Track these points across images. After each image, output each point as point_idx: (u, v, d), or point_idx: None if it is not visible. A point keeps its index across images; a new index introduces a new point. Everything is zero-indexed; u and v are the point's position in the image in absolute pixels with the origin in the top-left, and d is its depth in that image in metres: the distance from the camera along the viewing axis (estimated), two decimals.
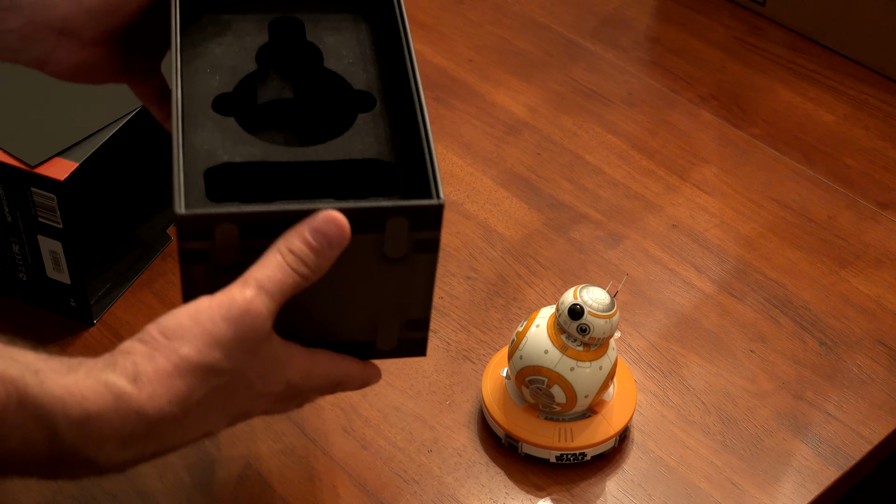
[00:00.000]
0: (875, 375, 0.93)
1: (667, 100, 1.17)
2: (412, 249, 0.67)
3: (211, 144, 0.70)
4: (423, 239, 0.66)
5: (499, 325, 0.95)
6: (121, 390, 0.61)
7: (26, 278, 0.95)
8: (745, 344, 0.95)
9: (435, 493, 0.84)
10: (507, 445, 0.86)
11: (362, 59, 0.76)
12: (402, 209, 0.65)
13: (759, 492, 0.85)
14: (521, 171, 1.09)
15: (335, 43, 0.76)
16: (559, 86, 1.18)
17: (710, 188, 1.08)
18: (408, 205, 0.65)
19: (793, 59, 1.22)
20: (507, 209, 1.05)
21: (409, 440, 0.87)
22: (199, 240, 0.65)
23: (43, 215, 0.89)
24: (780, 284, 0.99)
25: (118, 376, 0.61)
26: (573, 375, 0.82)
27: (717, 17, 1.27)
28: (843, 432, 0.89)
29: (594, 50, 1.23)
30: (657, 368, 0.93)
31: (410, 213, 0.65)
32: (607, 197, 1.07)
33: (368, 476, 0.85)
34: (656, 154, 1.11)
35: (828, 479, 0.86)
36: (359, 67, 0.75)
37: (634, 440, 0.88)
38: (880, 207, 1.06)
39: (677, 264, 1.01)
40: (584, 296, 0.82)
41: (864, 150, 1.12)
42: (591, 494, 0.84)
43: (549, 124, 1.14)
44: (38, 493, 0.84)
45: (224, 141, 0.70)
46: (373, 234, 0.66)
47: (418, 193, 0.68)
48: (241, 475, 0.85)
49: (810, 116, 1.15)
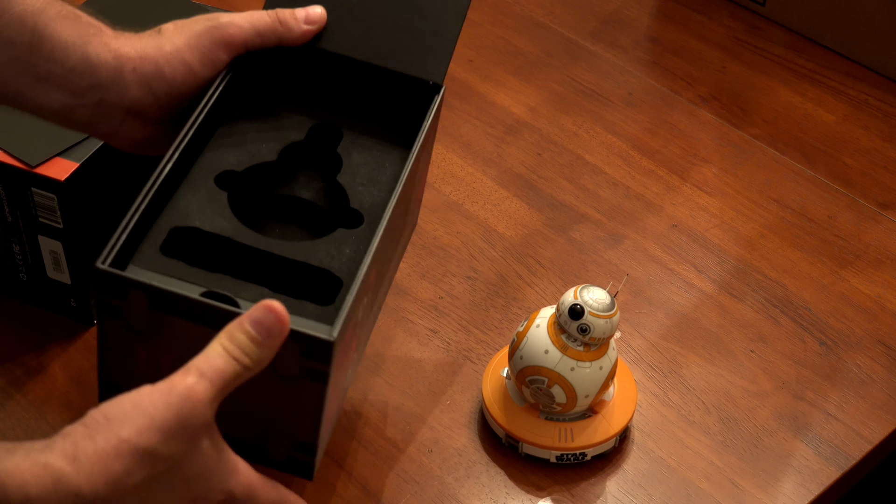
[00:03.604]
0: (875, 375, 0.93)
1: (667, 100, 1.17)
2: (302, 374, 0.68)
3: (192, 208, 0.74)
4: (314, 368, 0.67)
5: (499, 325, 0.96)
6: (59, 472, 0.62)
7: (26, 278, 0.95)
8: (745, 344, 0.95)
9: (435, 493, 0.84)
10: (507, 445, 0.87)
11: (376, 182, 0.78)
12: (293, 333, 0.66)
13: (760, 492, 0.85)
14: (522, 171, 1.09)
15: (359, 161, 0.79)
16: (559, 86, 1.18)
17: (710, 188, 1.08)
18: (297, 330, 0.66)
19: (793, 59, 1.22)
20: (508, 209, 1.05)
21: (409, 440, 0.87)
22: (112, 297, 0.68)
23: (43, 215, 0.89)
24: (780, 284, 0.99)
25: (57, 457, 0.62)
26: (573, 375, 0.82)
27: (717, 17, 1.27)
28: (843, 432, 0.89)
29: (594, 50, 1.23)
30: (657, 368, 0.93)
31: (300, 339, 0.66)
32: (607, 197, 1.07)
33: (368, 476, 0.85)
34: (656, 154, 1.11)
35: (828, 479, 0.86)
36: (366, 189, 0.78)
37: (635, 440, 0.88)
38: (880, 207, 1.06)
39: (677, 264, 1.01)
40: (584, 296, 0.82)
41: (864, 150, 1.12)
42: (591, 494, 0.85)
43: (549, 124, 1.14)
44: None
45: (205, 209, 0.74)
46: None
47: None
48: None
49: (810, 116, 1.15)
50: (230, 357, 0.65)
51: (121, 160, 0.97)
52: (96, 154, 0.90)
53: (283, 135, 0.79)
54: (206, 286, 0.70)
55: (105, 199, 1.02)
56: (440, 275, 0.99)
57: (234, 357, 0.65)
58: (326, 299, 0.71)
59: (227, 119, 0.79)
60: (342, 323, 0.67)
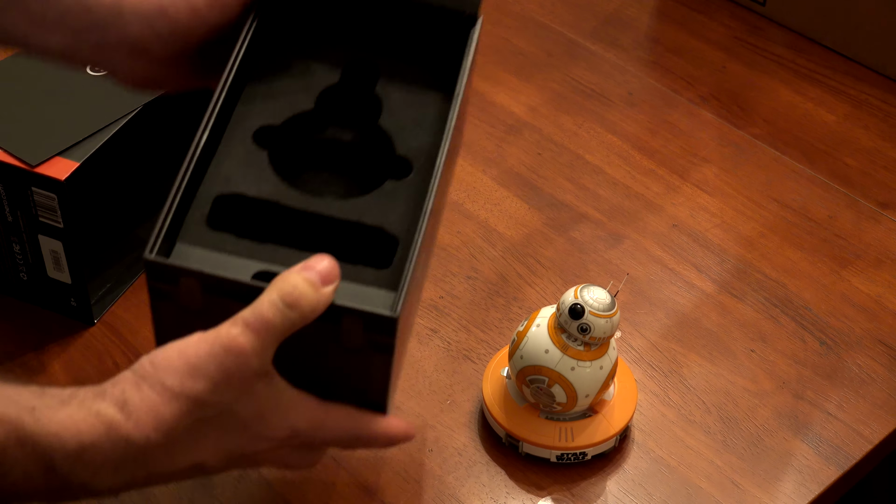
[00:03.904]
0: (875, 375, 0.93)
1: (667, 100, 1.17)
2: (367, 347, 0.67)
3: (233, 172, 0.72)
4: (378, 341, 0.67)
5: (499, 325, 0.96)
6: (111, 419, 0.63)
7: (27, 278, 0.95)
8: (745, 344, 0.95)
9: (435, 492, 0.84)
10: (507, 445, 0.86)
11: (420, 124, 0.75)
12: (357, 313, 0.66)
13: (760, 491, 0.85)
14: (522, 170, 1.09)
15: (399, 102, 0.76)
16: (559, 86, 1.18)
17: (711, 188, 1.08)
18: (362, 310, 0.66)
19: (793, 58, 1.22)
20: (508, 209, 1.05)
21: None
22: (164, 283, 0.67)
23: (43, 215, 0.89)
24: (780, 284, 0.99)
25: (108, 405, 0.64)
26: (574, 375, 0.82)
27: (717, 17, 1.27)
28: (843, 432, 0.89)
29: (594, 50, 1.23)
30: (657, 368, 0.93)
31: (363, 317, 0.66)
32: (608, 197, 1.07)
33: (369, 476, 0.85)
34: (656, 154, 1.11)
35: (828, 479, 0.86)
36: (411, 132, 0.74)
37: (635, 440, 0.88)
38: (880, 207, 1.06)
39: (678, 264, 1.01)
40: (584, 295, 0.82)
41: (864, 150, 1.12)
42: (591, 494, 0.84)
43: (549, 124, 1.14)
44: None
45: (247, 172, 0.72)
46: (330, 324, 0.66)
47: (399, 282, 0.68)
48: (242, 475, 0.85)
49: (810, 116, 1.15)
50: (281, 305, 0.64)
51: (121, 160, 0.97)
52: (96, 154, 0.90)
53: (317, 80, 0.76)
54: (258, 259, 0.69)
55: (105, 199, 1.02)
56: (441, 274, 0.99)
57: (289, 304, 0.64)
58: (383, 261, 0.70)
59: (255, 69, 0.77)
60: (404, 295, 0.66)
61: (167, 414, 0.64)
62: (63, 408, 0.64)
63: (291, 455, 0.70)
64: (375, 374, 0.69)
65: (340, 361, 0.68)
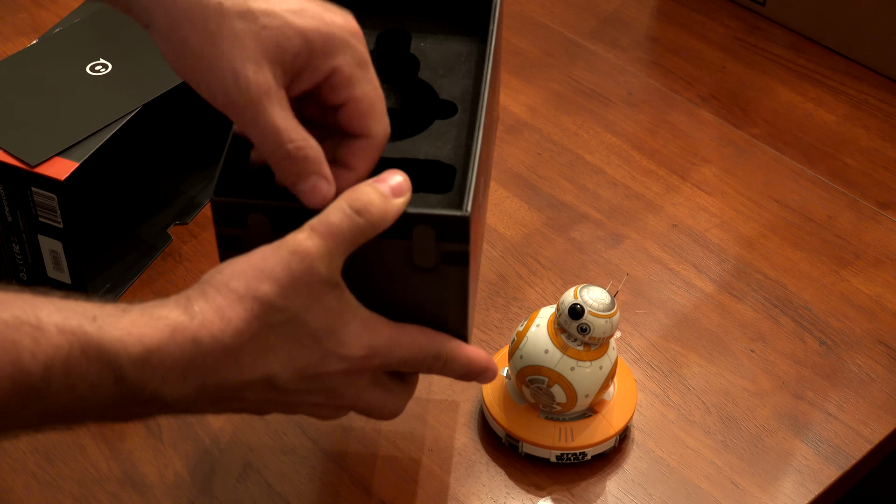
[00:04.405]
0: (875, 375, 0.93)
1: (667, 100, 1.17)
2: (441, 261, 0.67)
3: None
4: (452, 251, 0.66)
5: (499, 325, 0.96)
6: (175, 321, 0.63)
7: (27, 278, 0.95)
8: (745, 344, 0.95)
9: (435, 493, 0.84)
10: (507, 445, 0.86)
11: (457, 72, 0.77)
12: (426, 217, 0.66)
13: (760, 491, 0.85)
14: (522, 170, 1.09)
15: (436, 56, 0.78)
16: (559, 86, 1.18)
17: (710, 188, 1.08)
18: (431, 213, 0.66)
19: (793, 59, 1.22)
20: (508, 209, 1.05)
21: (409, 440, 0.87)
22: (232, 227, 0.67)
23: (43, 215, 0.89)
24: (780, 284, 0.99)
25: (170, 309, 0.63)
26: (573, 375, 0.82)
27: (717, 17, 1.27)
28: (843, 432, 0.89)
29: (594, 50, 1.23)
30: (657, 368, 0.93)
31: (435, 223, 0.65)
32: (607, 197, 1.07)
33: (368, 476, 0.85)
34: (656, 154, 1.11)
35: (828, 479, 0.86)
36: (451, 80, 0.77)
37: (635, 440, 0.88)
38: (880, 207, 1.06)
39: (677, 264, 1.01)
40: (584, 295, 0.82)
41: (864, 150, 1.12)
42: (591, 494, 0.85)
43: (549, 124, 1.14)
44: (38, 493, 0.84)
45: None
46: (401, 240, 0.66)
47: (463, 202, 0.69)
48: (241, 475, 0.85)
49: (810, 116, 1.15)
50: (351, 211, 0.64)
51: (121, 160, 0.97)
52: (96, 154, 0.90)
53: None
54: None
55: (105, 199, 1.02)
56: None
57: (356, 210, 0.64)
58: (443, 188, 0.70)
59: None
60: (471, 199, 0.66)
61: (233, 315, 0.63)
62: (125, 315, 0.63)
63: (370, 390, 0.69)
64: (452, 295, 0.68)
65: (415, 285, 0.68)
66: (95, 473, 0.85)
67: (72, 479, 0.85)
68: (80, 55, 0.97)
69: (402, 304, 0.69)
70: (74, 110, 0.92)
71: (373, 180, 0.66)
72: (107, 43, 0.98)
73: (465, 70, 0.77)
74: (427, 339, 0.70)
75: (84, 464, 0.86)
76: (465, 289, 0.68)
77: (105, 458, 0.86)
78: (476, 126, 0.71)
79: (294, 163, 0.67)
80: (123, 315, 0.63)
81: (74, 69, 0.96)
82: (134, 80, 0.95)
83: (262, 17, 0.66)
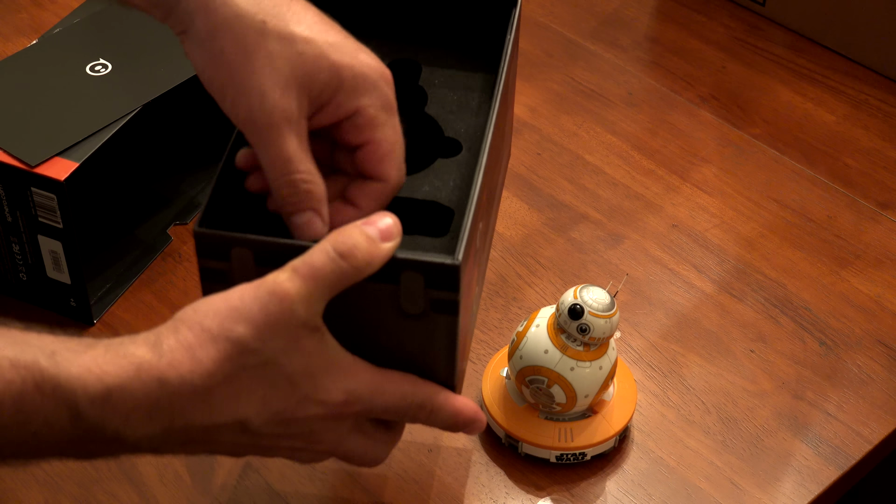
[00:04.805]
0: (875, 375, 0.93)
1: (667, 100, 1.17)
2: (430, 308, 0.65)
3: None
4: (441, 299, 0.64)
5: (499, 325, 0.96)
6: (140, 359, 0.60)
7: (26, 278, 0.95)
8: (745, 344, 0.95)
9: (435, 493, 0.84)
10: (507, 445, 0.87)
11: (466, 108, 0.75)
12: (415, 263, 0.63)
13: (759, 491, 0.85)
14: (522, 171, 1.09)
15: (444, 90, 0.76)
16: (559, 86, 1.18)
17: (710, 188, 1.08)
18: (420, 259, 0.63)
19: (793, 59, 1.22)
20: (507, 209, 1.05)
21: (409, 440, 0.87)
22: (215, 259, 0.65)
23: (43, 215, 0.89)
24: (780, 284, 0.99)
25: (138, 346, 0.61)
26: (573, 375, 0.82)
27: (717, 17, 1.27)
28: (843, 432, 0.89)
29: (594, 50, 1.23)
30: (657, 368, 0.93)
31: (424, 269, 0.63)
32: (607, 197, 1.07)
33: (369, 476, 0.85)
34: (656, 154, 1.11)
35: (828, 479, 0.86)
36: (459, 116, 0.75)
37: (634, 440, 0.88)
38: (880, 207, 1.06)
39: (677, 264, 1.01)
40: (584, 296, 0.82)
41: (864, 150, 1.12)
42: (591, 494, 0.85)
43: (549, 124, 1.14)
44: (38, 493, 0.84)
45: None
46: (389, 285, 0.64)
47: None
48: (241, 475, 0.85)
49: (810, 116, 1.15)
50: (335, 254, 0.62)
51: (121, 160, 0.97)
52: (96, 154, 0.90)
53: None
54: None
55: (105, 199, 1.02)
56: None
57: (341, 253, 0.62)
58: (439, 231, 0.68)
59: None
60: (464, 246, 0.63)
61: (204, 356, 0.60)
62: (88, 351, 0.60)
63: (351, 437, 0.67)
64: (440, 343, 0.66)
65: (402, 331, 0.66)
66: (95, 473, 0.85)
67: (71, 480, 0.85)
68: (80, 55, 0.97)
69: (388, 349, 0.67)
70: (74, 110, 0.92)
71: (361, 222, 0.64)
72: (107, 43, 0.98)
73: (474, 106, 0.75)
74: (412, 388, 0.67)
75: (84, 464, 0.86)
76: (453, 338, 0.66)
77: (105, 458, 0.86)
78: (477, 168, 0.68)
79: (296, 193, 0.66)
80: (86, 351, 0.61)
81: (74, 69, 0.96)
82: (134, 80, 0.95)
83: (300, 43, 0.66)
